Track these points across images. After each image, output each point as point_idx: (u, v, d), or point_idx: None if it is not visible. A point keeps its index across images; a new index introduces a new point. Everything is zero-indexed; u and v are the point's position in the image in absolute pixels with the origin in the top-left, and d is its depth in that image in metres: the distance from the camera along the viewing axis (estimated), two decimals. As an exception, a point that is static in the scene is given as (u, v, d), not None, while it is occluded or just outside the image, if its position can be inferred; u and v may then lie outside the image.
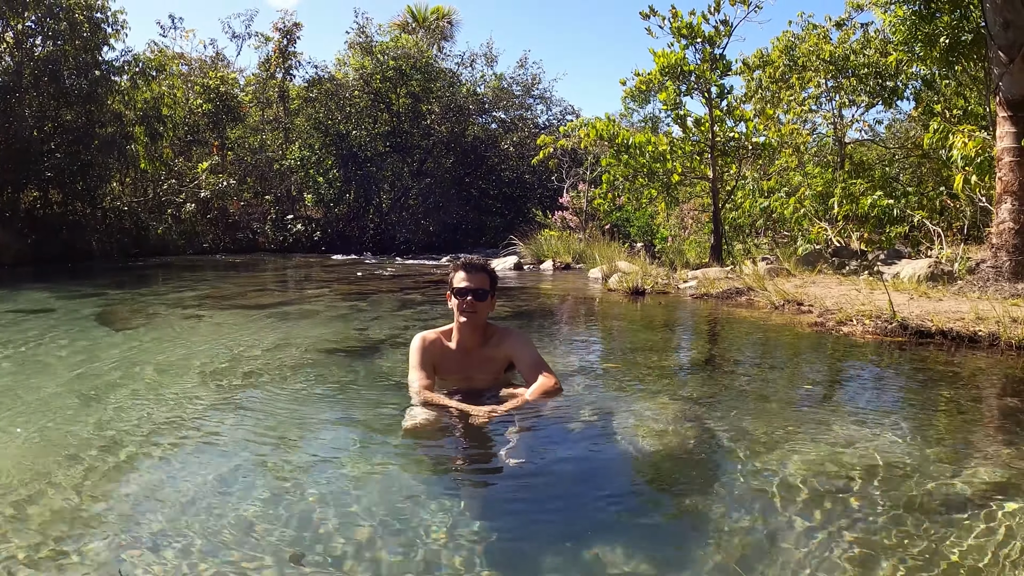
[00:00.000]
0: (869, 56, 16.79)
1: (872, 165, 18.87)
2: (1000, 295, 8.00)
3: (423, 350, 4.03)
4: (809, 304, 8.14)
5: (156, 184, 21.92)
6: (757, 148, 14.14)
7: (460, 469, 3.24)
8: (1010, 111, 8.90)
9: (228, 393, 4.46)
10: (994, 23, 9.04)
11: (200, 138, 24.49)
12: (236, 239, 23.76)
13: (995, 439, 3.76)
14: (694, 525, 2.67)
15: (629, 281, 10.74)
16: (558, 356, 5.74)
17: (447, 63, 29.89)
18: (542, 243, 18.03)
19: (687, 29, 13.29)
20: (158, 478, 3.08)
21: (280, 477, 3.08)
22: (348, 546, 2.47)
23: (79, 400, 4.27)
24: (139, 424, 3.79)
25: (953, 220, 13.95)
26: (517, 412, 3.59)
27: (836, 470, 3.16)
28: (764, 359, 6.05)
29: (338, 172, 26.01)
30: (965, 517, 2.70)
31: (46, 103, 18.06)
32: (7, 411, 4.04)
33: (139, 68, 19.56)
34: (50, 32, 17.58)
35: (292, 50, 26.02)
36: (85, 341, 6.49)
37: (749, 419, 3.95)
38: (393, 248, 24.97)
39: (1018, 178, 8.81)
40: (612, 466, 3.37)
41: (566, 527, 2.66)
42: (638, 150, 14.00)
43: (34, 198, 18.64)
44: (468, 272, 3.98)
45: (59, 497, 2.83)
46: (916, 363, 5.68)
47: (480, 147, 28.69)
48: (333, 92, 26.07)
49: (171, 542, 2.49)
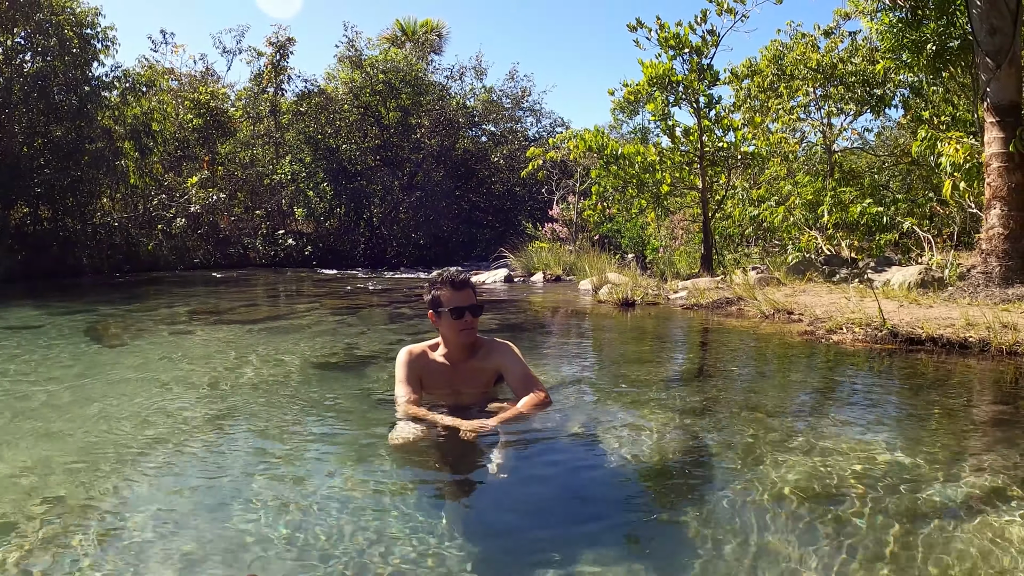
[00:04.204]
0: (857, 64, 16.86)
1: (861, 173, 18.94)
2: (990, 301, 8.00)
3: (409, 364, 3.99)
4: (799, 313, 8.13)
5: (146, 199, 21.82)
6: (746, 157, 14.16)
7: (448, 483, 3.20)
8: (998, 117, 8.93)
9: (216, 408, 4.42)
10: (980, 29, 9.08)
11: (190, 153, 24.43)
12: (227, 254, 23.65)
13: (987, 446, 3.74)
14: (685, 537, 2.64)
15: (619, 293, 10.72)
16: (548, 368, 5.70)
17: (437, 76, 29.91)
18: (532, 255, 18.00)
19: (674, 40, 13.33)
20: (144, 495, 3.04)
21: (266, 492, 3.04)
22: (334, 562, 2.43)
23: (66, 417, 4.22)
24: (126, 440, 3.74)
25: (943, 226, 14.00)
26: (505, 425, 3.56)
27: (827, 479, 3.13)
28: (754, 369, 6.03)
29: (328, 186, 25.96)
30: (957, 525, 2.67)
31: (35, 119, 17.98)
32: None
33: (129, 83, 19.52)
34: (39, 48, 17.52)
35: (285, 64, 26.03)
36: (73, 358, 6.42)
37: (739, 429, 3.92)
38: (384, 262, 24.90)
39: (1007, 183, 8.84)
40: (602, 479, 3.33)
41: (555, 541, 2.63)
42: (627, 161, 14.00)
43: (24, 214, 18.51)
44: (459, 289, 3.91)
45: (44, 513, 2.79)
46: (906, 370, 5.67)
47: (470, 160, 28.69)
48: (323, 106, 26.05)
49: (156, 558, 2.44)
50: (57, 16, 17.31)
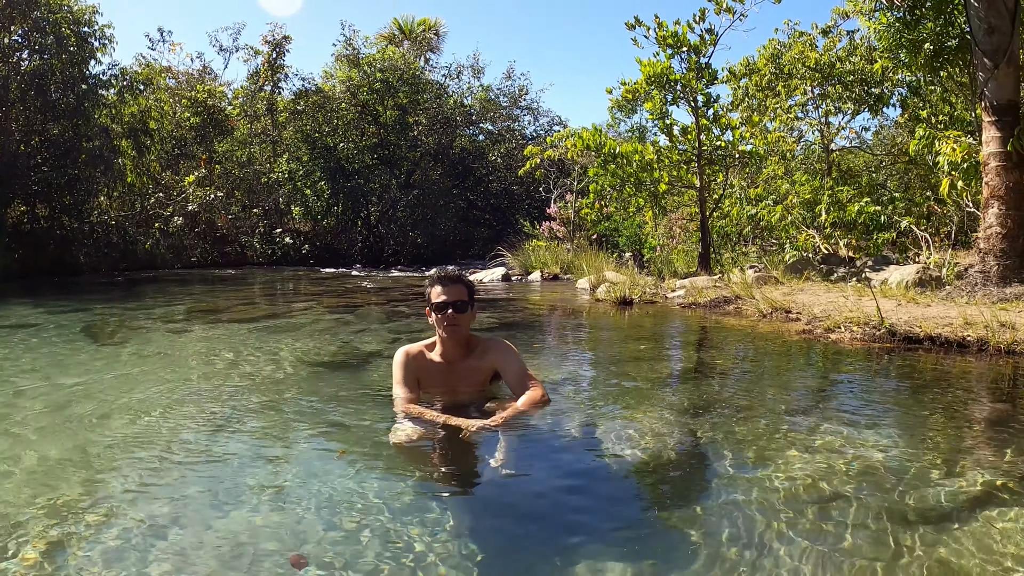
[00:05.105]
0: (855, 63, 16.87)
1: (859, 172, 18.97)
2: (988, 300, 8.01)
3: (406, 364, 3.99)
4: (797, 312, 8.13)
5: (143, 198, 21.81)
6: (744, 156, 14.17)
7: (446, 483, 3.19)
8: (995, 116, 8.94)
9: (213, 407, 4.40)
10: (978, 29, 9.08)
11: (187, 151, 24.41)
12: (224, 253, 23.63)
13: (985, 445, 3.74)
14: (684, 536, 2.63)
15: (617, 291, 10.72)
16: (546, 367, 5.70)
17: (434, 75, 29.96)
18: (530, 254, 18.01)
19: (672, 38, 13.33)
20: (141, 493, 3.02)
21: (264, 491, 3.03)
22: (334, 560, 2.43)
23: (63, 416, 4.20)
24: (123, 439, 3.73)
25: (940, 226, 14.01)
26: (504, 424, 3.55)
27: (826, 478, 3.13)
28: (752, 367, 6.03)
29: (326, 185, 25.96)
30: (957, 523, 2.67)
31: (33, 117, 17.97)
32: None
33: (126, 82, 19.50)
34: (37, 46, 17.51)
35: (281, 63, 25.99)
36: (70, 356, 6.41)
37: (737, 428, 3.92)
38: (382, 260, 24.91)
39: (1004, 182, 8.84)
40: (600, 477, 3.32)
41: (554, 540, 2.62)
42: (625, 159, 14.00)
43: (21, 212, 18.50)
44: (445, 285, 3.92)
45: (40, 512, 2.78)
46: (904, 369, 5.67)
47: (468, 158, 28.71)
48: (320, 104, 26.03)
49: (155, 555, 2.44)
50: (54, 14, 17.29)
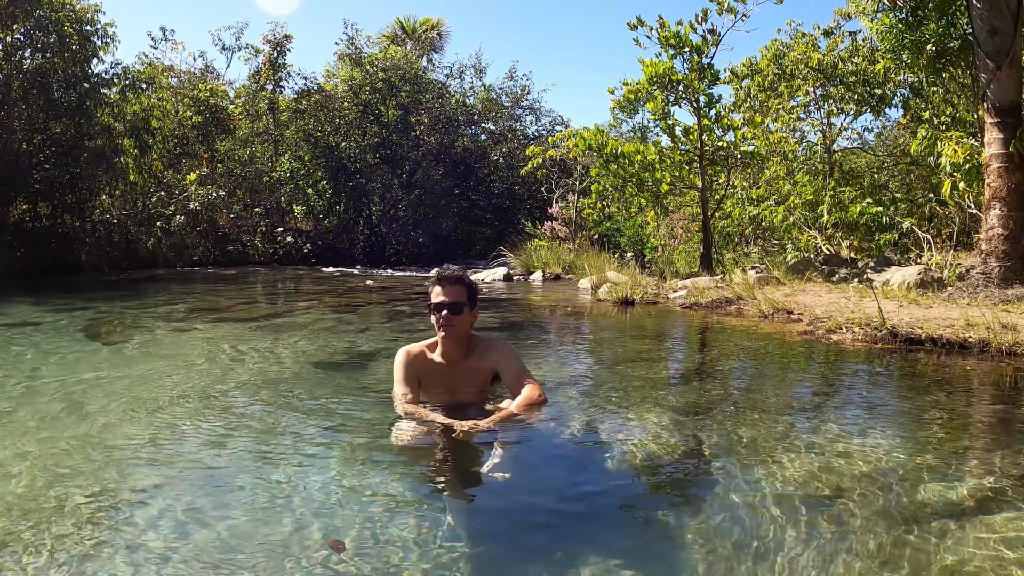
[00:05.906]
0: (857, 64, 16.86)
1: (861, 173, 18.93)
2: (990, 301, 8.00)
3: (407, 364, 3.99)
4: (799, 312, 8.13)
5: (145, 197, 21.80)
6: (746, 157, 14.17)
7: (445, 483, 3.19)
8: (998, 117, 8.93)
9: (214, 407, 4.40)
10: (981, 30, 9.08)
11: (189, 150, 24.39)
12: (226, 252, 23.62)
13: (986, 446, 3.74)
14: (684, 537, 2.63)
15: (619, 291, 10.72)
16: (546, 367, 5.70)
17: (436, 74, 29.94)
18: (531, 254, 18.00)
19: (675, 39, 13.33)
20: (141, 493, 3.03)
21: (264, 490, 3.03)
22: (332, 560, 2.43)
23: (64, 415, 4.21)
24: (124, 438, 3.73)
25: (942, 227, 14.00)
26: (502, 425, 3.55)
27: (827, 479, 3.13)
28: (754, 368, 6.03)
29: (328, 184, 25.95)
30: (957, 524, 2.66)
31: (35, 116, 17.96)
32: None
33: (128, 81, 19.50)
34: (39, 45, 17.49)
35: (282, 62, 25.98)
36: (72, 355, 6.41)
37: (739, 429, 3.92)
38: (383, 260, 24.90)
39: (1006, 184, 8.84)
40: (599, 478, 3.32)
41: (552, 541, 2.62)
42: (627, 160, 14.00)
43: (23, 211, 18.51)
44: (443, 286, 3.92)
45: (40, 511, 2.78)
46: (906, 370, 5.66)
47: (469, 158, 28.67)
48: (322, 104, 26.02)
49: (154, 555, 2.44)
50: (57, 13, 17.29)
